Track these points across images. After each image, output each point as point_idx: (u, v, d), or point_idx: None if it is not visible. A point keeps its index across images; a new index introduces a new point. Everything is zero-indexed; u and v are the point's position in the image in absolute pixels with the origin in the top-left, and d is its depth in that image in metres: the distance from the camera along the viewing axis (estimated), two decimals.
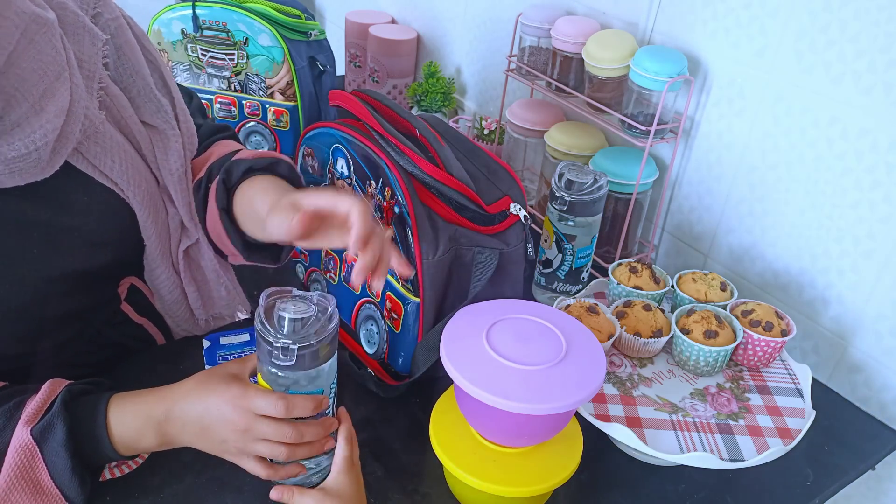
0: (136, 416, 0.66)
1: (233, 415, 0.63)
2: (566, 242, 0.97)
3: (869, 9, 0.83)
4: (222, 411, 0.64)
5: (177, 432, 0.66)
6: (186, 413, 0.65)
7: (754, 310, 0.88)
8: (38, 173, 0.65)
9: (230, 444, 0.65)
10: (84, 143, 0.69)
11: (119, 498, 0.70)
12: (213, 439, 0.65)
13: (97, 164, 0.71)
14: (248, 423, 0.63)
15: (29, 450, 0.62)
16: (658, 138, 1.04)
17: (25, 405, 0.64)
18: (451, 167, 0.77)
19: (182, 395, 0.66)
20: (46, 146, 0.63)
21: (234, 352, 0.81)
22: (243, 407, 0.63)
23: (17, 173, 0.63)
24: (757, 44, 0.96)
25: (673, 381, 0.85)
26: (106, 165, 0.71)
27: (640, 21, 1.10)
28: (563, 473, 0.69)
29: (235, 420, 0.63)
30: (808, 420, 0.78)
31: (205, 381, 0.66)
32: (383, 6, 1.74)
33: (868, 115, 0.86)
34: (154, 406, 0.66)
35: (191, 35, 1.24)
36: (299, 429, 0.64)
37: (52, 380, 0.67)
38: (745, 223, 1.04)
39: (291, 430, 0.64)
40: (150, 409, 0.66)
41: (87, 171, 0.70)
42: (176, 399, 0.66)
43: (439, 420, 0.74)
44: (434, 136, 0.79)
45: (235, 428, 0.64)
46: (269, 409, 0.63)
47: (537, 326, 0.69)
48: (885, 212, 0.87)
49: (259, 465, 0.66)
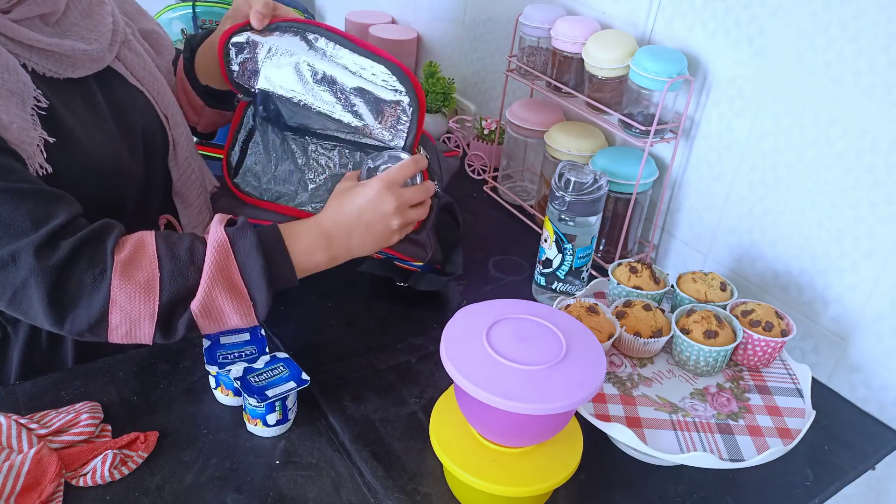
0: (308, 230, 0.79)
1: (386, 197, 0.80)
2: (566, 242, 0.97)
3: (869, 9, 0.83)
4: (379, 200, 0.80)
5: (345, 241, 0.80)
6: (347, 220, 0.80)
7: (754, 310, 0.88)
8: (98, 65, 0.81)
9: (393, 223, 0.82)
10: (121, 49, 0.85)
11: (119, 498, 0.70)
12: (378, 230, 0.81)
13: (131, 69, 0.86)
14: (399, 196, 0.81)
15: (224, 248, 0.72)
16: (658, 138, 1.04)
17: (211, 224, 0.75)
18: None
19: (335, 209, 0.81)
20: (105, 42, 0.80)
21: (234, 351, 0.81)
22: (389, 187, 0.80)
23: (87, 63, 0.79)
24: (757, 44, 0.96)
25: (673, 381, 0.85)
26: (137, 72, 0.87)
27: (640, 21, 1.10)
28: (563, 473, 0.69)
29: (389, 200, 0.80)
30: (808, 420, 0.78)
31: (342, 196, 0.82)
32: (383, 6, 1.74)
33: (868, 115, 0.86)
34: (320, 219, 0.80)
35: (191, 35, 1.25)
36: (428, 185, 0.86)
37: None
38: (745, 223, 1.04)
39: (426, 186, 0.86)
40: (317, 222, 0.80)
41: (123, 73, 0.85)
42: (333, 213, 0.81)
43: (439, 420, 0.74)
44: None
45: (392, 206, 0.80)
46: (409, 171, 0.83)
47: (537, 326, 0.69)
48: (885, 212, 0.87)
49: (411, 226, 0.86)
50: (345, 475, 0.74)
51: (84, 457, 0.72)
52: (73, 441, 0.73)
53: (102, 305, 0.69)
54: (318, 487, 0.72)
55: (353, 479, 0.74)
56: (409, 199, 0.83)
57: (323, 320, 0.97)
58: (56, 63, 0.76)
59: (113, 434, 0.76)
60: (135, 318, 0.70)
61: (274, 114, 0.95)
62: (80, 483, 0.70)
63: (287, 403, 0.77)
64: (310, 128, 0.94)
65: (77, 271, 0.69)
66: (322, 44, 0.87)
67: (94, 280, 0.69)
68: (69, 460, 0.72)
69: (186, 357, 0.87)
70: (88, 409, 0.76)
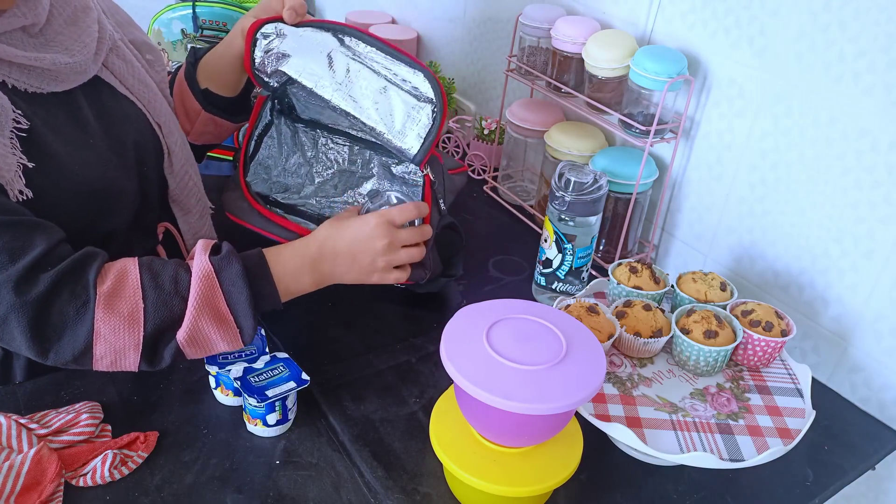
0: (292, 256, 0.78)
1: (379, 233, 0.80)
2: (566, 242, 0.97)
3: (869, 9, 0.83)
4: (372, 236, 0.80)
5: (329, 266, 0.79)
6: (336, 246, 0.80)
7: (754, 310, 0.88)
8: (83, 77, 0.78)
9: (379, 261, 0.81)
10: (109, 56, 0.83)
11: (119, 498, 0.70)
12: (362, 263, 0.81)
13: (120, 78, 0.84)
14: (392, 235, 0.81)
15: (209, 278, 0.71)
16: (658, 138, 1.04)
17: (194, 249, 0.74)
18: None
19: (326, 235, 0.80)
20: (90, 52, 0.78)
21: (234, 351, 0.81)
22: (385, 224, 0.80)
23: (70, 76, 0.76)
24: (757, 44, 0.96)
25: (673, 381, 0.85)
26: (126, 80, 0.85)
27: (640, 21, 1.10)
28: (563, 473, 0.69)
29: (382, 236, 0.80)
30: (808, 420, 0.78)
31: (339, 222, 0.81)
32: (383, 6, 1.74)
33: (868, 115, 0.86)
34: (306, 246, 0.79)
35: (191, 35, 1.25)
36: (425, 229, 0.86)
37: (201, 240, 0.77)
38: (745, 223, 1.04)
39: (422, 230, 0.85)
40: (303, 248, 0.79)
41: (112, 83, 0.83)
42: (322, 238, 0.80)
43: (439, 420, 0.74)
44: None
45: (383, 244, 0.80)
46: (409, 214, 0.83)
47: (537, 326, 0.69)
48: (885, 212, 0.87)
49: (402, 272, 0.85)
50: (345, 475, 0.74)
51: (84, 457, 0.72)
52: (73, 441, 0.73)
53: (86, 338, 0.68)
54: (318, 487, 0.72)
55: (353, 479, 0.74)
56: (402, 240, 0.83)
57: (323, 320, 0.97)
58: (38, 78, 0.73)
59: (113, 434, 0.76)
60: (119, 348, 0.69)
61: (287, 107, 0.95)
62: (80, 483, 0.70)
63: (287, 403, 0.77)
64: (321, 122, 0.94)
65: (59, 303, 0.67)
66: (352, 43, 0.87)
67: (77, 312, 0.67)
68: (69, 460, 0.72)
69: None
70: (88, 409, 0.76)
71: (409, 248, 0.84)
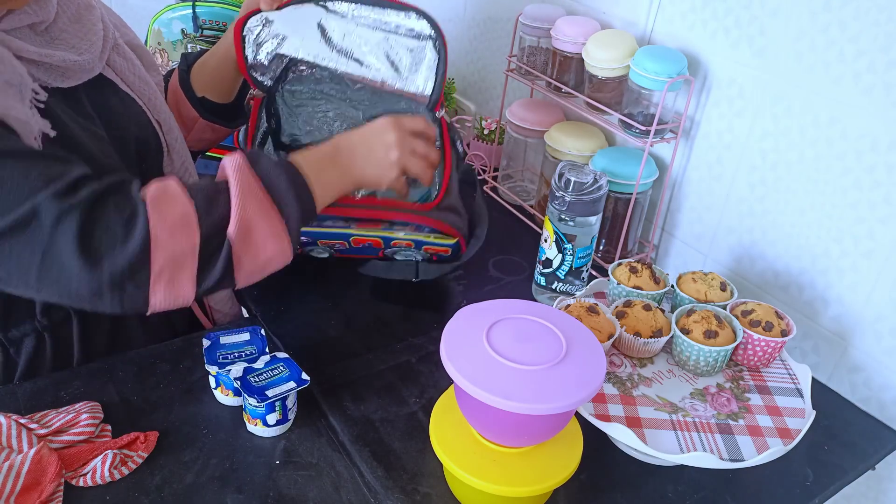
0: (312, 153, 0.78)
1: (389, 127, 0.82)
2: (566, 242, 0.97)
3: (869, 9, 0.83)
4: (382, 130, 0.82)
5: (348, 158, 0.80)
6: (351, 139, 0.81)
7: (754, 310, 0.88)
8: (89, 74, 0.80)
9: (392, 153, 0.82)
10: (111, 54, 0.84)
11: (119, 498, 0.70)
12: (378, 154, 0.82)
13: (122, 75, 0.86)
14: (402, 131, 0.83)
15: (244, 168, 0.71)
16: (658, 138, 1.04)
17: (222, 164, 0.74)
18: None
19: (339, 136, 0.82)
20: (97, 51, 0.80)
21: (234, 351, 0.82)
22: (394, 121, 0.83)
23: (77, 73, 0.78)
24: (757, 44, 0.96)
25: (673, 381, 0.85)
26: (128, 78, 0.86)
27: (640, 21, 1.10)
28: (563, 473, 0.69)
29: (392, 130, 0.82)
30: (808, 420, 0.78)
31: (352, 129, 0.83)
32: None
33: (868, 115, 0.86)
34: (321, 146, 0.80)
35: (191, 35, 1.25)
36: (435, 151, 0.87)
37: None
38: (745, 223, 1.04)
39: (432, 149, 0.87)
40: (319, 148, 0.80)
41: (114, 80, 0.84)
42: (336, 139, 0.81)
43: (439, 420, 0.74)
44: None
45: (393, 137, 0.82)
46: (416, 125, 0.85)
47: (537, 326, 0.69)
48: (885, 212, 0.87)
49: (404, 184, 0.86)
50: (345, 475, 0.74)
51: (84, 457, 0.72)
52: (73, 441, 0.73)
53: (143, 244, 0.63)
54: (318, 487, 0.72)
55: (353, 479, 0.74)
56: (410, 128, 0.84)
57: (323, 320, 0.97)
58: (46, 73, 0.74)
59: (113, 434, 0.76)
60: (177, 255, 0.65)
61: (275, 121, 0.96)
62: (80, 483, 0.70)
63: (287, 403, 0.77)
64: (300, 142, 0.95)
65: (105, 214, 0.64)
66: (338, 6, 0.88)
67: (126, 223, 0.64)
68: (69, 460, 0.72)
69: (186, 357, 0.87)
70: (88, 409, 0.76)
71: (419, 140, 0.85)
